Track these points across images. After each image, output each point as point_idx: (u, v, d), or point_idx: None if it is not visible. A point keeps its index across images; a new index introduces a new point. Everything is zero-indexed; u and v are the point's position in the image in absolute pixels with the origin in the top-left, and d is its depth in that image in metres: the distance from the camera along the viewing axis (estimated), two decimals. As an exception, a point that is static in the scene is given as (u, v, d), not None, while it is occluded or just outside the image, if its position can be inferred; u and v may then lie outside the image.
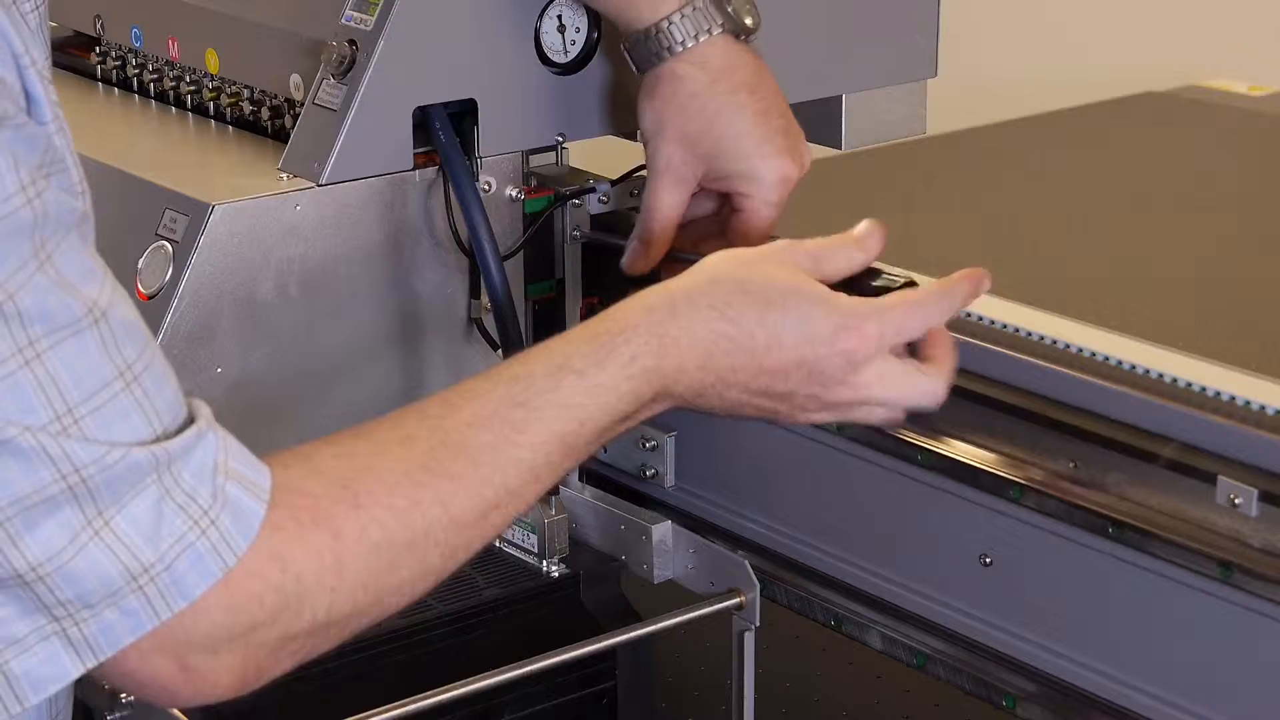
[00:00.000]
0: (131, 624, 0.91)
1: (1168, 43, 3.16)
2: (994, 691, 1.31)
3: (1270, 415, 1.13)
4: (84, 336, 0.89)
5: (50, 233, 0.89)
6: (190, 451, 0.92)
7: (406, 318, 1.40)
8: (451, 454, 1.01)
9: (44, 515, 0.88)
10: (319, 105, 1.36)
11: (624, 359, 1.06)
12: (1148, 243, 2.04)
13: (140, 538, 0.90)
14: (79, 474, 0.88)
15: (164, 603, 0.91)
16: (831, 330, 1.10)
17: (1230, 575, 1.16)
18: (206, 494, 0.92)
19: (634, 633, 1.35)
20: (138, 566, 0.90)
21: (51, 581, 0.89)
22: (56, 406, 0.88)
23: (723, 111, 1.32)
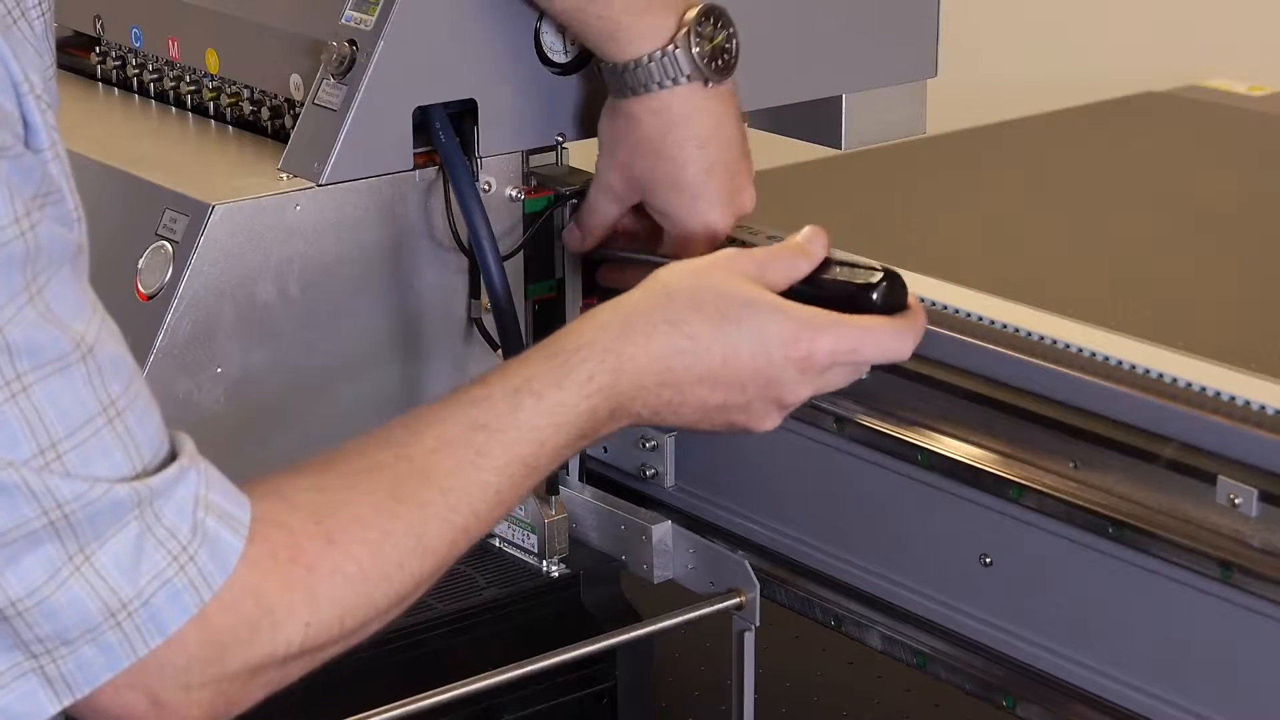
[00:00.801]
0: (109, 660, 0.91)
1: (1168, 43, 3.16)
2: (994, 691, 1.31)
3: (1270, 415, 1.13)
4: (70, 372, 0.89)
5: (43, 266, 0.89)
6: (172, 488, 0.92)
7: (406, 318, 1.40)
8: (418, 482, 1.02)
9: (25, 551, 0.88)
10: (319, 105, 1.36)
11: (581, 378, 1.07)
12: (1148, 243, 2.04)
13: (120, 574, 0.90)
14: (61, 510, 0.88)
15: (141, 639, 0.91)
16: (786, 340, 1.11)
17: (1230, 575, 1.16)
18: (186, 529, 0.92)
19: (634, 633, 1.35)
20: (116, 603, 0.90)
21: (31, 617, 0.89)
22: (40, 441, 0.88)
23: (666, 161, 1.34)
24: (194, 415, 1.30)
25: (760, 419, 1.14)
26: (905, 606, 1.36)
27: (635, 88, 1.33)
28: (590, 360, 1.08)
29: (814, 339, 1.12)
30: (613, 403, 1.09)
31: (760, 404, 1.13)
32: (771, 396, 1.13)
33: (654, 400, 1.10)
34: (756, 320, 1.11)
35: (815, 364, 1.12)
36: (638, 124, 1.34)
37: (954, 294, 1.32)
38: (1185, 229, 2.12)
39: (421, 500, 1.02)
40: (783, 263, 1.16)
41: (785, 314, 1.12)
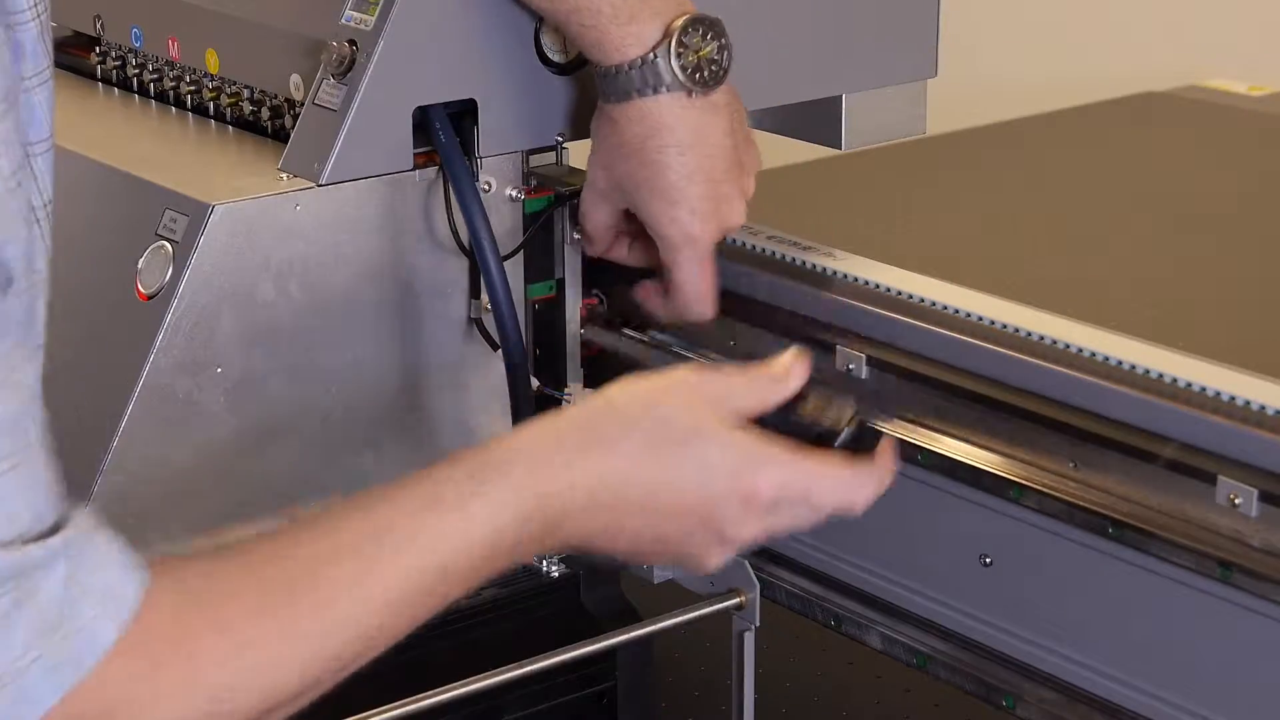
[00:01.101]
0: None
1: (1168, 43, 3.16)
2: (994, 691, 1.31)
3: (1270, 415, 1.13)
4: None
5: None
6: (50, 563, 0.89)
7: (406, 318, 1.40)
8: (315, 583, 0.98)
9: None
10: (319, 105, 1.36)
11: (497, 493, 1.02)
12: (1148, 243, 2.04)
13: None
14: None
15: (14, 712, 0.89)
16: (730, 472, 1.06)
17: (1230, 575, 1.16)
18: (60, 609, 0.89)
19: (634, 633, 1.35)
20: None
21: None
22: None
23: (647, 166, 1.34)
24: (194, 415, 1.30)
25: (704, 553, 1.08)
26: (905, 606, 1.36)
27: (618, 94, 1.33)
28: (514, 474, 1.02)
29: (757, 474, 1.07)
30: (543, 524, 1.03)
31: (703, 537, 1.07)
32: (713, 531, 1.07)
33: (586, 525, 1.05)
34: (701, 449, 1.06)
35: (760, 500, 1.07)
36: (620, 128, 1.35)
37: (954, 294, 1.32)
38: (1185, 229, 2.12)
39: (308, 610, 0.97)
40: (753, 391, 1.11)
41: (733, 446, 1.07)
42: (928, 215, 2.04)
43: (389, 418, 1.39)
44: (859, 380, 1.34)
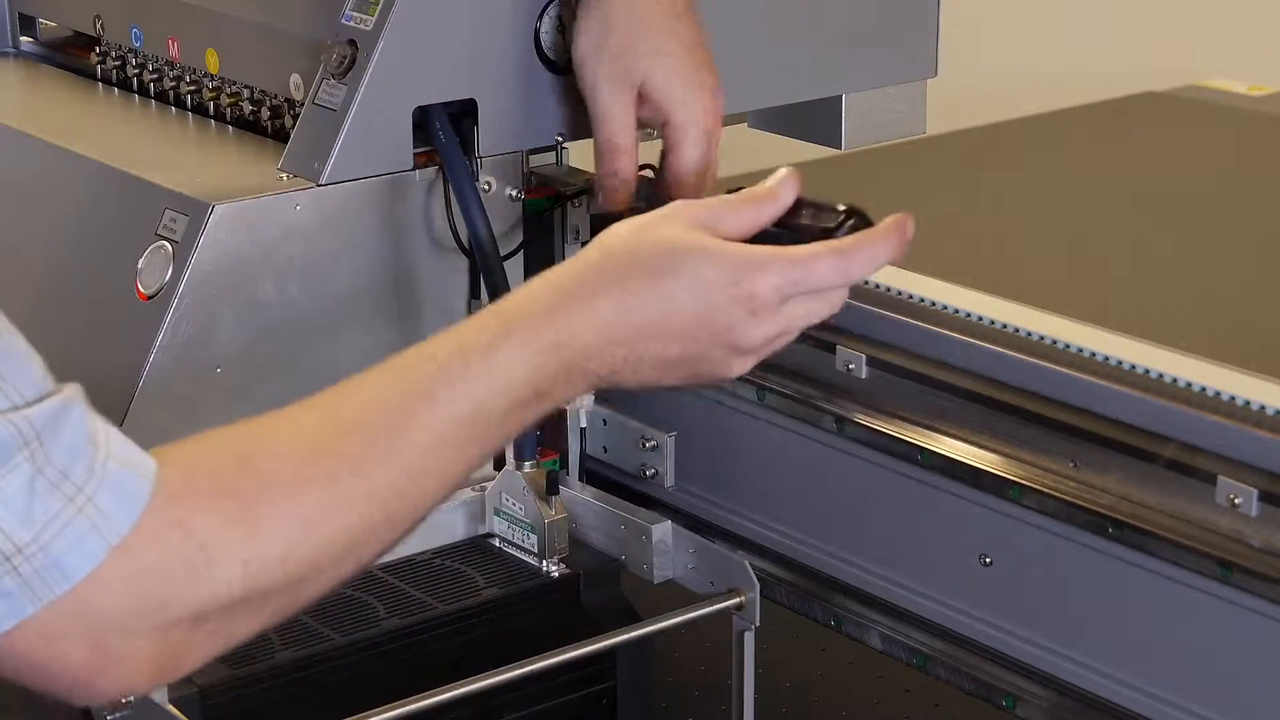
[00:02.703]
0: (9, 606, 0.88)
1: (1168, 43, 3.16)
2: (994, 691, 1.31)
3: (1270, 415, 1.13)
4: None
5: None
6: (58, 426, 0.89)
7: (406, 318, 1.40)
8: (359, 426, 0.99)
9: None
10: (319, 105, 1.36)
11: (517, 340, 1.04)
12: (1147, 242, 2.05)
13: (12, 516, 0.87)
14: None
15: (44, 584, 0.88)
16: (726, 282, 1.07)
17: (1230, 575, 1.16)
18: (81, 470, 0.89)
19: (634, 633, 1.35)
20: (10, 547, 0.87)
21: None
22: None
23: (660, 33, 1.35)
24: (194, 415, 1.30)
25: (724, 366, 1.10)
26: (905, 606, 1.36)
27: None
28: (535, 320, 1.05)
29: (754, 277, 1.07)
30: (562, 361, 1.05)
31: (719, 351, 1.09)
32: (727, 343, 1.09)
33: (608, 359, 1.07)
34: (694, 267, 1.08)
35: (763, 302, 1.08)
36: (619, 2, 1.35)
37: (954, 294, 1.32)
38: (1185, 229, 2.12)
39: (361, 442, 0.98)
40: (742, 212, 1.12)
41: (723, 256, 1.08)
42: (927, 215, 2.04)
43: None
44: (859, 380, 1.34)
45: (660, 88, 1.36)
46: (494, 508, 1.43)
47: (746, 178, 1.48)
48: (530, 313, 1.05)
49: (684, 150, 1.37)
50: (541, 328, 1.05)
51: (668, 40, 1.35)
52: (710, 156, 1.37)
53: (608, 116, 1.37)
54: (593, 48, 1.37)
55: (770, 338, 1.10)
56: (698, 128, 1.36)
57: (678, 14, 1.36)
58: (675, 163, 1.37)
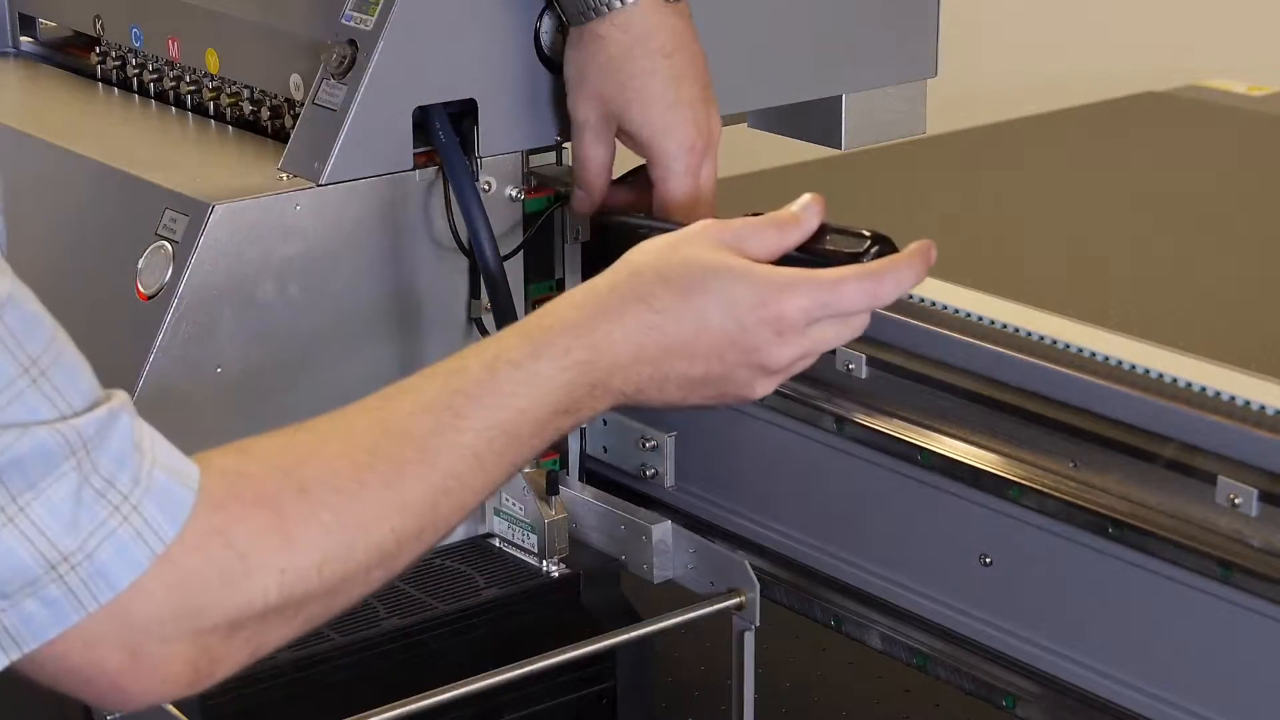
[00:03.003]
0: (54, 615, 0.89)
1: (1168, 43, 3.16)
2: (994, 691, 1.31)
3: (1270, 415, 1.13)
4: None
5: None
6: (106, 434, 0.90)
7: (406, 318, 1.40)
8: (394, 440, 1.01)
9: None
10: (319, 105, 1.36)
11: (557, 352, 1.06)
12: (1147, 243, 2.05)
13: (58, 525, 0.88)
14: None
15: (88, 592, 0.89)
16: (754, 304, 1.09)
17: (1230, 575, 1.16)
18: (127, 479, 0.90)
19: (634, 633, 1.35)
20: (56, 555, 0.88)
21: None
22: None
23: (636, 75, 1.35)
24: (194, 415, 1.30)
25: (747, 387, 1.12)
26: (905, 606, 1.36)
27: (597, 7, 1.34)
28: (565, 336, 1.07)
29: (782, 299, 1.09)
30: (591, 378, 1.07)
31: (744, 372, 1.11)
32: (754, 363, 1.10)
33: (634, 377, 1.09)
34: (723, 287, 1.09)
35: (790, 323, 1.10)
36: (604, 44, 1.35)
37: (954, 294, 1.32)
38: (1185, 229, 2.12)
39: (397, 456, 1.00)
40: (766, 235, 1.14)
41: (752, 277, 1.10)
42: (928, 215, 2.04)
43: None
44: (859, 380, 1.34)
45: (634, 131, 1.37)
46: (494, 508, 1.43)
47: (747, 178, 1.49)
48: (560, 330, 1.07)
49: (667, 186, 1.37)
50: (571, 345, 1.07)
51: (644, 83, 1.35)
52: (696, 189, 1.38)
53: (581, 151, 1.39)
54: (575, 82, 1.38)
55: (794, 359, 1.11)
56: (679, 164, 1.37)
57: (663, 50, 1.35)
58: (660, 195, 1.38)
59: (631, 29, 1.35)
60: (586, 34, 1.36)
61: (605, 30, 1.35)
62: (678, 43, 1.36)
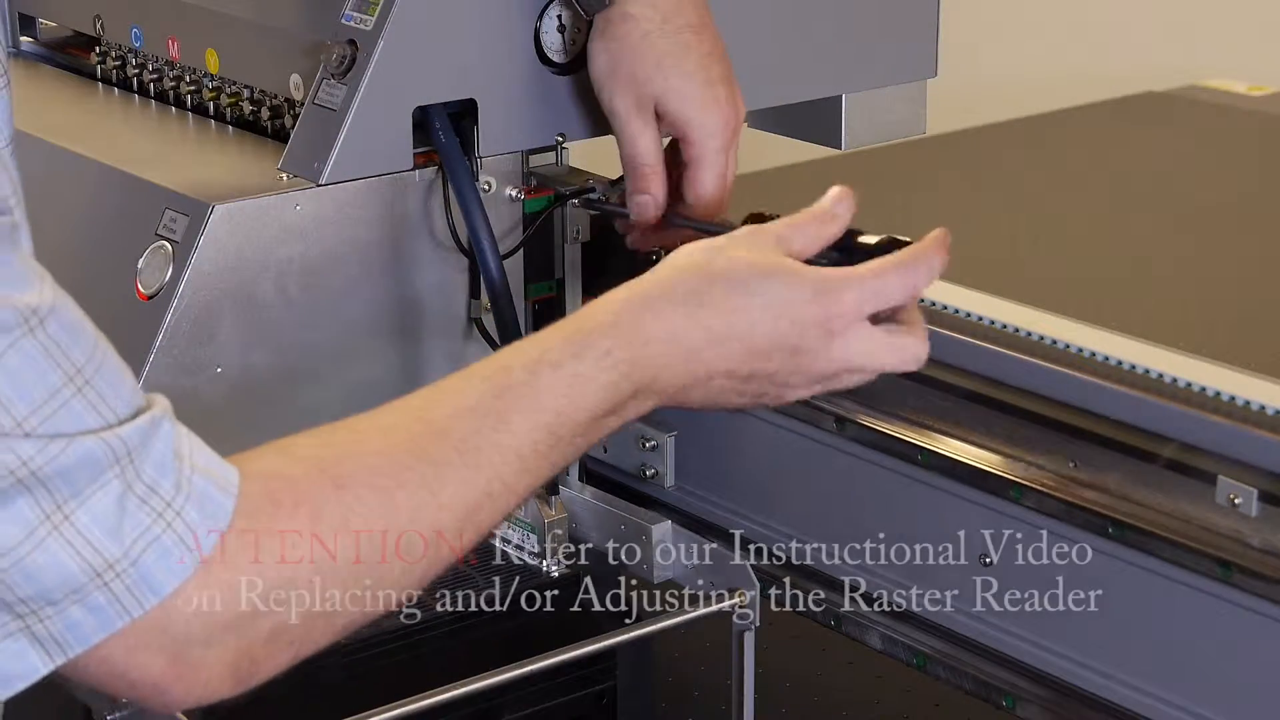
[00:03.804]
0: (100, 621, 0.90)
1: (1168, 43, 3.16)
2: (994, 691, 1.31)
3: (1270, 415, 1.13)
4: (22, 346, 0.87)
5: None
6: (149, 442, 0.91)
7: (406, 318, 1.40)
8: (435, 440, 1.00)
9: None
10: (319, 105, 1.36)
11: (599, 352, 1.05)
12: (1148, 243, 2.04)
13: (103, 532, 0.89)
14: (26, 466, 0.87)
15: (133, 599, 0.90)
16: (805, 303, 1.08)
17: (1230, 575, 1.16)
18: (169, 486, 0.91)
19: (634, 633, 1.35)
20: (101, 562, 0.89)
21: (9, 578, 0.88)
22: (3, 421, 0.86)
23: (670, 52, 1.34)
24: (194, 415, 1.30)
25: (788, 389, 1.10)
26: (905, 606, 1.36)
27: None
28: (607, 337, 1.06)
29: (832, 297, 1.08)
30: (636, 380, 1.06)
31: (788, 374, 1.09)
32: (800, 367, 1.09)
33: (679, 377, 1.07)
34: (770, 286, 1.08)
35: (844, 322, 1.08)
36: (636, 22, 1.34)
37: (954, 294, 1.32)
38: (1185, 229, 2.12)
39: (437, 458, 1.00)
40: (808, 231, 1.12)
41: (800, 277, 1.08)
42: (928, 215, 2.04)
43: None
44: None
45: (674, 108, 1.35)
46: (494, 508, 1.42)
47: (747, 178, 1.49)
48: (603, 330, 1.06)
49: (702, 167, 1.36)
50: (613, 345, 1.06)
51: (679, 59, 1.35)
52: (729, 170, 1.37)
53: (630, 139, 1.37)
54: (607, 71, 1.37)
55: (839, 365, 1.09)
56: (715, 142, 1.36)
57: (691, 27, 1.35)
58: (694, 179, 1.37)
59: (660, 5, 1.34)
60: (614, 16, 1.35)
61: (635, 9, 1.34)
62: (702, 20, 1.36)
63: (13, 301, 0.88)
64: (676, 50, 1.35)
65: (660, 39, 1.34)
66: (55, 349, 0.89)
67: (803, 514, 1.42)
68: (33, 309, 0.88)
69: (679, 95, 1.35)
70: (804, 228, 1.13)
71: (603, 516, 1.42)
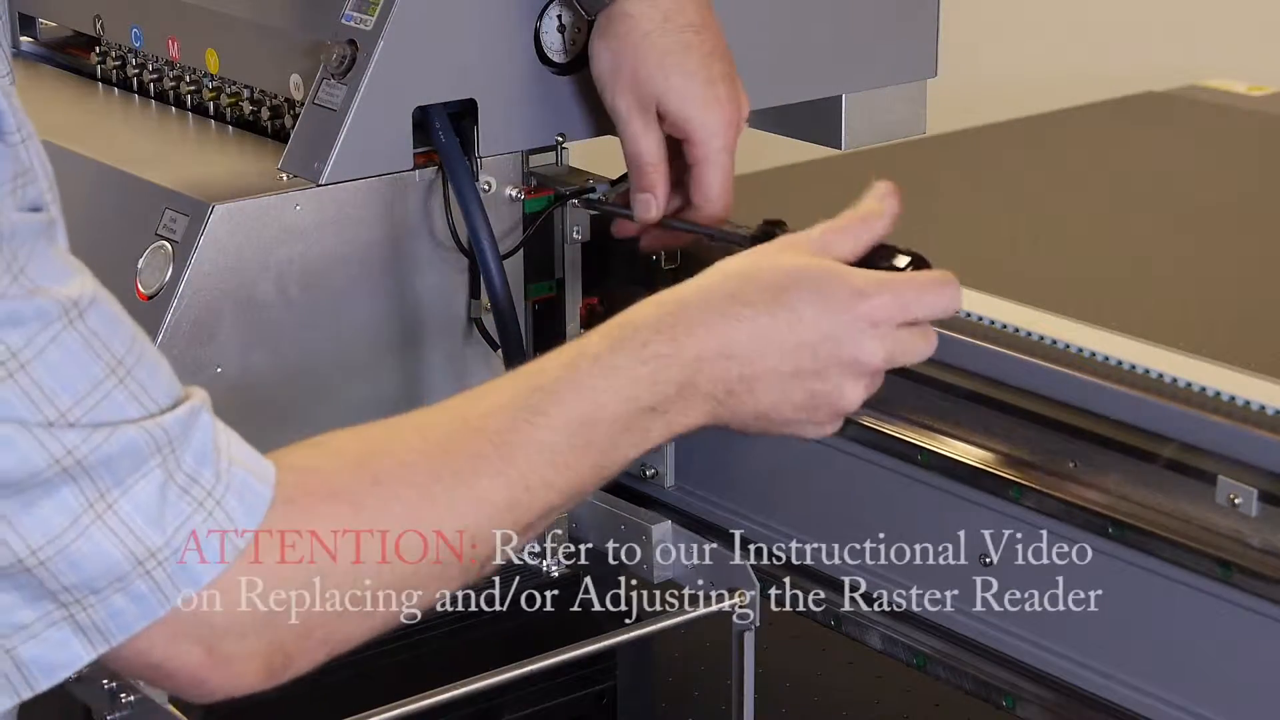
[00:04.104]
0: (141, 610, 0.90)
1: (1168, 43, 3.16)
2: (994, 691, 1.31)
3: (1270, 415, 1.13)
4: (64, 339, 0.88)
5: (20, 243, 0.88)
6: (189, 432, 0.92)
7: (406, 318, 1.40)
8: (470, 437, 1.00)
9: (41, 497, 0.87)
10: (319, 105, 1.36)
11: (638, 344, 1.05)
12: (1148, 243, 2.04)
13: (145, 521, 0.89)
14: (71, 455, 0.87)
15: (174, 587, 0.91)
16: (848, 299, 1.08)
17: (1230, 575, 1.16)
18: (210, 476, 0.92)
19: (634, 633, 1.35)
20: (144, 551, 0.89)
21: (54, 566, 0.88)
22: (48, 412, 0.87)
23: (672, 51, 1.35)
24: (194, 415, 1.30)
25: (839, 392, 1.09)
26: (905, 606, 1.36)
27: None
28: (644, 330, 1.06)
29: (874, 293, 1.08)
30: (675, 376, 1.05)
31: (836, 370, 1.09)
32: (846, 359, 1.08)
33: (721, 374, 1.06)
34: (814, 284, 1.08)
35: (883, 317, 1.08)
36: (636, 21, 1.34)
37: (954, 294, 1.31)
38: (1185, 229, 2.12)
39: (473, 452, 1.00)
40: (848, 235, 1.13)
41: (843, 275, 1.09)
42: (928, 215, 2.04)
43: (390, 416, 1.39)
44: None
45: (675, 108, 1.36)
46: (494, 508, 1.42)
47: (747, 178, 1.49)
48: (640, 325, 1.06)
49: (706, 167, 1.37)
50: (650, 338, 1.06)
51: (680, 58, 1.35)
52: (732, 169, 1.38)
53: (632, 138, 1.37)
54: (609, 71, 1.37)
55: (885, 359, 1.10)
56: (718, 141, 1.36)
57: (693, 26, 1.35)
58: (698, 178, 1.37)
59: (660, 4, 1.34)
60: (615, 14, 1.35)
61: (635, 8, 1.34)
62: (704, 19, 1.36)
63: (53, 294, 0.88)
64: (678, 49, 1.35)
65: (661, 38, 1.34)
66: (96, 340, 0.89)
67: (803, 514, 1.42)
68: (73, 301, 0.89)
69: (680, 95, 1.35)
70: (847, 230, 1.13)
71: (603, 516, 1.42)
